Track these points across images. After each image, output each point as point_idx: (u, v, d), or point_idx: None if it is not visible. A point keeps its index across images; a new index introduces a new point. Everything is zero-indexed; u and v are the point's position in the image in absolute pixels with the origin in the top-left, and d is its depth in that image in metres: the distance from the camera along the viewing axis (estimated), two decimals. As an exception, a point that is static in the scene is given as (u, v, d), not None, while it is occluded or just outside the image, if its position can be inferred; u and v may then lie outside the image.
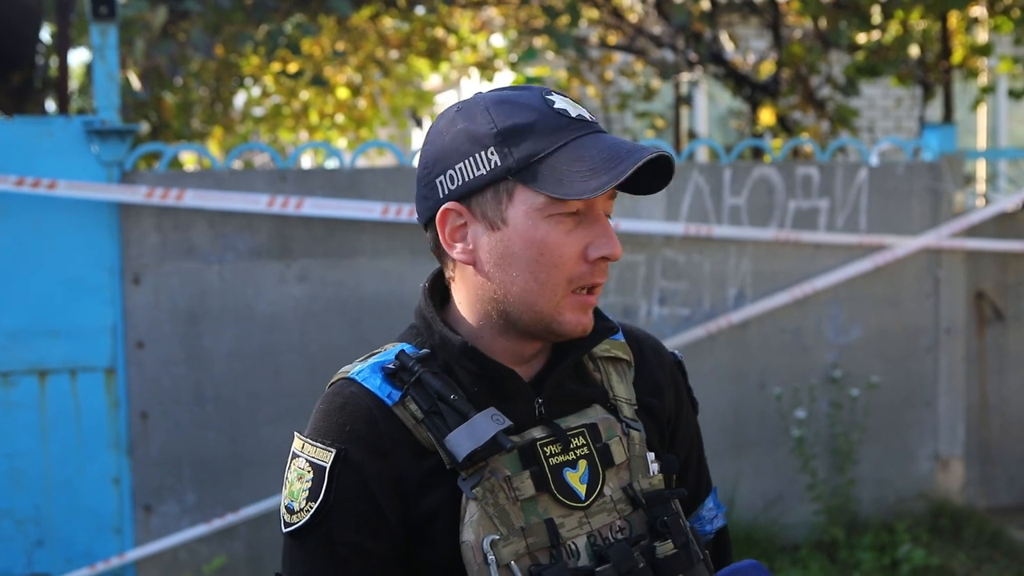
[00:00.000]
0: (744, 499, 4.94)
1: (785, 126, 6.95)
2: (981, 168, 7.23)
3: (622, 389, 1.51)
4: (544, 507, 1.37)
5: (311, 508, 1.36)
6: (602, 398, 1.48)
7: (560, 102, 1.39)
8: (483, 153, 1.37)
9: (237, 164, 8.57)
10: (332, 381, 1.46)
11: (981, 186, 7.21)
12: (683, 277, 4.85)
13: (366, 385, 1.40)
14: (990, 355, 5.38)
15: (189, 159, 9.56)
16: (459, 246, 1.41)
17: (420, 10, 7.38)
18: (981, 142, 9.86)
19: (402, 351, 1.41)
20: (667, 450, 1.54)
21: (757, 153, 6.41)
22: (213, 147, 9.24)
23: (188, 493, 4.37)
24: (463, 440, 1.33)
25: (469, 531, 1.33)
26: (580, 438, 1.41)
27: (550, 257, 1.37)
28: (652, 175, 1.40)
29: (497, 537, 1.33)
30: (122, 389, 4.29)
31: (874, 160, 5.12)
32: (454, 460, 1.34)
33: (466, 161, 1.38)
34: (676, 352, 1.64)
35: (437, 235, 1.42)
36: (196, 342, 4.37)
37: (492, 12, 7.99)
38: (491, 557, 1.32)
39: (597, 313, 1.48)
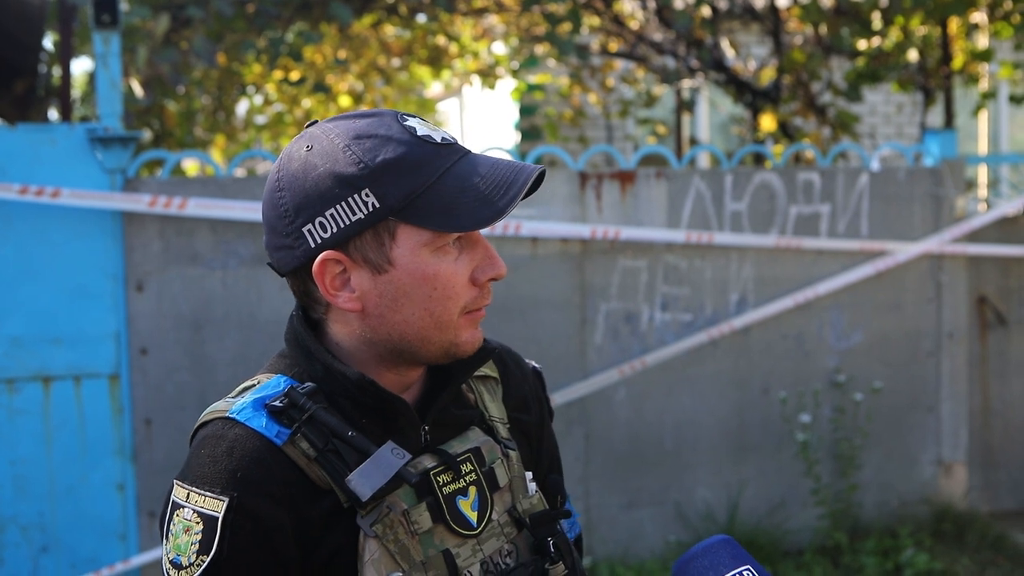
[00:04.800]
0: (748, 504, 4.95)
1: (786, 132, 6.96)
2: (982, 173, 7.24)
3: (495, 408, 1.49)
4: (440, 538, 1.34)
5: (203, 562, 1.26)
6: (478, 419, 1.45)
7: (421, 128, 1.33)
8: (357, 196, 1.29)
9: (240, 171, 8.59)
10: (204, 420, 1.36)
11: (983, 191, 7.23)
12: (685, 283, 4.86)
13: (250, 425, 1.31)
14: (993, 359, 5.39)
15: (192, 167, 9.58)
16: (343, 295, 1.33)
17: (422, 18, 7.40)
18: (982, 147, 9.87)
19: (292, 387, 1.33)
20: (533, 463, 1.53)
21: (758, 159, 6.42)
22: (216, 155, 9.26)
23: (192, 499, 4.36)
24: (367, 477, 1.28)
25: (371, 570, 1.29)
26: (468, 464, 1.38)
27: (443, 290, 1.33)
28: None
29: (400, 574, 1.29)
30: (126, 395, 4.30)
31: (875, 165, 5.12)
32: (356, 499, 1.28)
33: (338, 206, 1.29)
34: (534, 363, 1.61)
35: (305, 282, 1.35)
36: (199, 348, 4.38)
37: (493, 19, 8.01)
38: None
39: None
